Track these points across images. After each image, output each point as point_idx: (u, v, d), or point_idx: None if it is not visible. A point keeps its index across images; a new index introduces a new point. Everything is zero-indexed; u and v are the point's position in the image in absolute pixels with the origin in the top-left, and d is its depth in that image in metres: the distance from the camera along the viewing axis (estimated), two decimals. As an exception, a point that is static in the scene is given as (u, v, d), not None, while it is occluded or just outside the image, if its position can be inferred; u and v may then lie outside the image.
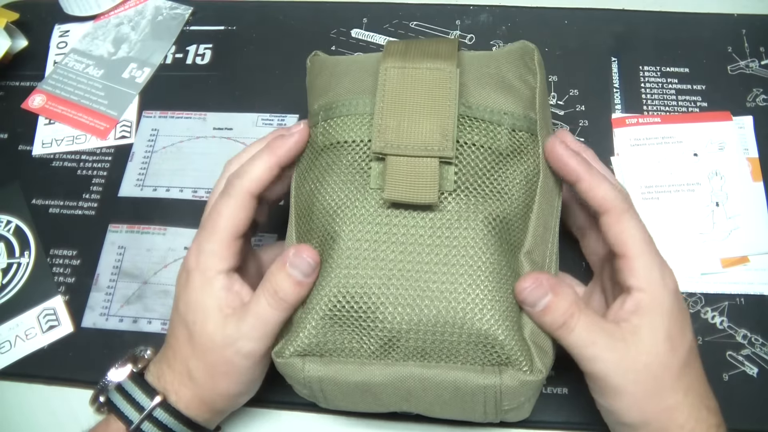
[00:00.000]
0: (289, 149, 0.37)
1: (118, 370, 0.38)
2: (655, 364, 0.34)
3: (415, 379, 0.34)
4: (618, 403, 0.34)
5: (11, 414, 0.45)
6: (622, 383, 0.33)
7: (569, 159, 0.36)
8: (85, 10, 0.61)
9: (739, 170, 0.49)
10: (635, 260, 0.35)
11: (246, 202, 0.36)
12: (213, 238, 0.36)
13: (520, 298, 0.33)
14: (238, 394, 0.38)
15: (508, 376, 0.33)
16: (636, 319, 0.34)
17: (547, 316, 0.33)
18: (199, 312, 0.36)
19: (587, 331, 0.33)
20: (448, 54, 0.35)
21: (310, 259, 0.34)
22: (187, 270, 0.37)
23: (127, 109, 0.56)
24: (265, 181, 0.37)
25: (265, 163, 0.37)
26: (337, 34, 0.58)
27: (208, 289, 0.36)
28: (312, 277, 0.34)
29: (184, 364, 0.37)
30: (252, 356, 0.36)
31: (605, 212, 0.35)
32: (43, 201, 0.53)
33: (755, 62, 0.54)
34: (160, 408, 0.36)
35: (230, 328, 0.35)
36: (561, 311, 0.33)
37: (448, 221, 0.34)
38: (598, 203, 0.36)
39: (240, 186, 0.36)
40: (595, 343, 0.33)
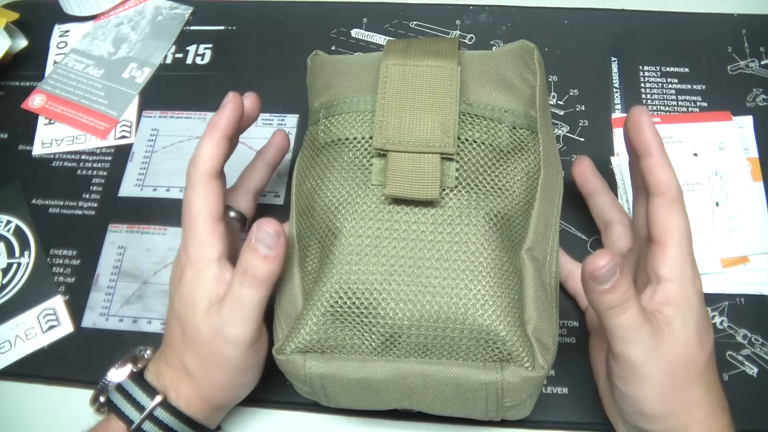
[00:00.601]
0: (226, 119, 0.37)
1: (118, 370, 0.38)
2: (685, 357, 0.34)
3: (416, 376, 0.34)
4: (644, 392, 0.34)
5: (11, 414, 0.45)
6: (654, 372, 0.34)
7: (650, 131, 0.36)
8: (85, 10, 0.61)
9: (739, 170, 0.49)
10: (672, 250, 0.35)
11: (208, 184, 0.37)
12: (194, 229, 0.36)
13: (594, 275, 0.32)
14: (235, 385, 0.38)
15: (509, 373, 0.33)
16: (669, 310, 0.34)
17: (609, 294, 0.32)
18: (189, 305, 0.36)
19: (636, 315, 0.33)
20: (448, 52, 0.36)
21: (271, 230, 0.34)
22: (180, 266, 0.37)
23: (127, 109, 0.56)
24: (216, 158, 0.37)
25: (208, 140, 0.37)
26: (337, 34, 0.58)
27: (200, 280, 0.36)
28: (276, 249, 0.34)
29: (180, 360, 0.37)
30: (239, 342, 0.35)
31: (660, 194, 0.36)
32: (43, 201, 0.53)
33: (755, 62, 0.54)
34: (160, 407, 0.36)
35: (213, 317, 0.35)
36: (622, 291, 0.33)
37: (449, 217, 0.34)
38: (659, 183, 0.36)
39: (196, 171, 0.37)
40: (640, 328, 0.33)
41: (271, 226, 0.34)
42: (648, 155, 0.36)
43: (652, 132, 0.36)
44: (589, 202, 0.45)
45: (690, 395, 0.34)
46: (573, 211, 0.47)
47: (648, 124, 0.36)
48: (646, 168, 0.36)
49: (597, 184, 0.45)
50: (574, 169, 0.45)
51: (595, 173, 0.45)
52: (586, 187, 0.45)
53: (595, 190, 0.45)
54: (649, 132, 0.36)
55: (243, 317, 0.35)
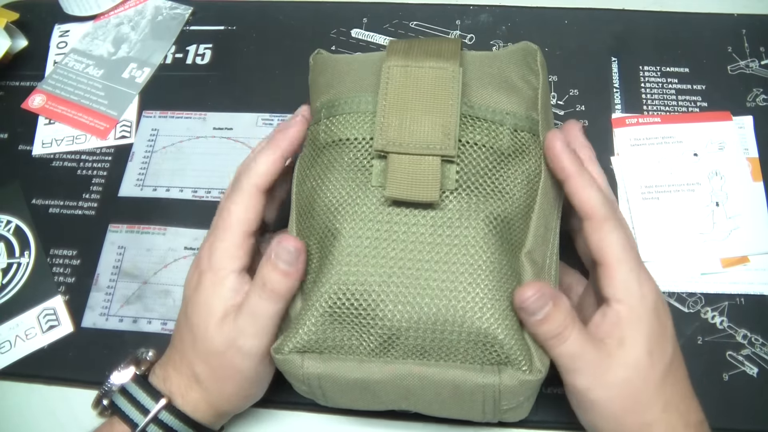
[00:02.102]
0: (291, 140, 0.38)
1: (121, 372, 0.38)
2: (635, 379, 0.33)
3: (414, 377, 0.34)
4: (596, 418, 0.34)
5: (11, 414, 0.45)
6: (601, 398, 0.33)
7: (563, 156, 0.36)
8: (85, 10, 0.61)
9: (739, 170, 0.49)
10: (613, 270, 0.34)
11: (254, 198, 0.37)
12: (224, 237, 0.36)
13: (522, 306, 0.33)
14: (246, 396, 0.38)
15: (507, 376, 0.33)
16: (617, 332, 0.34)
17: (543, 326, 0.33)
18: (203, 314, 0.36)
19: (577, 344, 0.33)
20: (450, 53, 0.36)
21: (292, 247, 0.34)
22: (200, 271, 0.37)
23: (127, 109, 0.56)
24: (271, 175, 0.37)
25: (269, 156, 0.37)
26: (337, 34, 0.58)
27: (219, 289, 0.36)
28: (297, 265, 0.34)
29: (190, 368, 0.37)
30: (253, 355, 0.35)
31: (587, 218, 0.35)
32: (43, 201, 0.53)
33: (755, 62, 0.54)
34: (165, 411, 0.36)
35: (228, 328, 0.35)
36: (558, 322, 0.33)
37: (449, 220, 0.34)
38: (582, 207, 0.35)
39: (247, 182, 0.37)
40: (582, 356, 0.33)
41: (291, 243, 0.34)
42: (566, 180, 0.36)
43: (567, 155, 0.36)
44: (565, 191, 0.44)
45: (644, 417, 0.34)
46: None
47: (561, 148, 0.36)
48: (568, 193, 0.36)
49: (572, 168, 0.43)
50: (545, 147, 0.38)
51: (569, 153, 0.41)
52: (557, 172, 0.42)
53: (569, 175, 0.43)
54: (564, 156, 0.36)
55: (259, 330, 0.35)
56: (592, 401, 0.34)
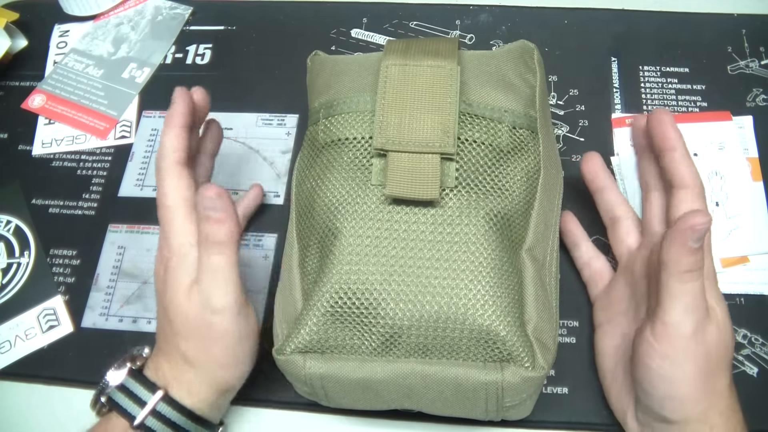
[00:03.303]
0: (179, 112, 0.39)
1: (117, 370, 0.38)
2: (722, 344, 0.35)
3: (416, 376, 0.34)
4: (681, 371, 0.34)
5: (11, 414, 0.45)
6: (697, 350, 0.34)
7: (673, 127, 0.39)
8: (85, 10, 0.61)
9: (739, 170, 0.49)
10: None
11: (178, 173, 0.37)
12: (171, 220, 0.37)
13: (696, 227, 0.33)
14: (235, 359, 0.37)
15: (509, 373, 0.33)
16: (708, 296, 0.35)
17: (696, 255, 0.33)
18: (172, 291, 0.36)
19: (701, 289, 0.34)
20: (448, 52, 0.36)
21: (212, 194, 0.34)
22: (164, 260, 0.37)
23: (127, 109, 0.56)
24: (180, 147, 0.38)
25: (168, 132, 0.38)
26: (337, 34, 0.58)
27: (183, 265, 0.36)
28: (225, 209, 0.34)
29: (177, 349, 0.37)
30: (226, 308, 0.35)
31: (685, 187, 0.37)
32: (43, 201, 0.53)
33: (755, 62, 0.54)
34: (162, 402, 0.36)
35: (194, 293, 0.36)
36: (701, 256, 0.34)
37: (449, 217, 0.34)
38: (683, 176, 0.38)
39: (163, 162, 0.38)
40: (703, 300, 0.34)
41: (210, 191, 0.34)
42: (673, 150, 0.38)
43: (675, 129, 0.38)
44: (597, 198, 0.45)
45: (719, 384, 0.35)
46: (573, 210, 0.47)
47: (671, 121, 0.39)
48: (670, 162, 0.38)
49: (606, 181, 0.45)
50: (584, 165, 0.45)
51: (605, 169, 0.45)
52: (595, 183, 0.45)
53: (604, 186, 0.45)
54: (673, 129, 0.39)
55: (221, 283, 0.35)
56: (689, 351, 0.34)
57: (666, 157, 0.38)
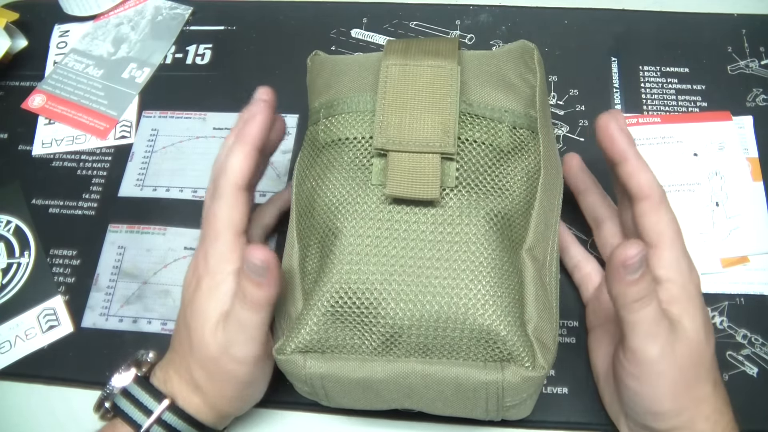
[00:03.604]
0: (258, 132, 0.37)
1: (122, 375, 0.38)
2: (695, 354, 0.34)
3: (416, 376, 0.34)
4: (657, 390, 0.34)
5: (11, 414, 0.45)
6: (667, 368, 0.34)
7: (621, 138, 0.36)
8: (85, 10, 0.61)
9: (739, 170, 0.49)
10: (666, 251, 0.35)
11: (237, 198, 0.36)
12: (216, 242, 0.36)
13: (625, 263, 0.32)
14: (245, 398, 0.38)
15: (510, 372, 0.33)
16: (675, 308, 0.34)
17: (637, 285, 0.32)
18: (200, 319, 0.36)
19: (657, 309, 0.33)
20: (448, 52, 0.36)
21: (257, 261, 0.32)
22: (198, 275, 0.37)
23: (127, 109, 0.56)
24: (247, 171, 0.36)
25: (240, 153, 0.36)
26: (337, 34, 0.58)
27: (215, 293, 0.36)
28: (268, 276, 0.33)
29: (189, 371, 0.37)
30: (245, 361, 0.35)
31: (644, 198, 0.36)
32: (43, 201, 0.53)
33: (755, 62, 0.54)
34: (169, 411, 0.36)
35: (220, 336, 0.35)
36: (647, 283, 0.32)
37: (449, 217, 0.34)
38: (639, 188, 0.36)
39: (226, 184, 0.36)
40: (660, 322, 0.33)
41: (257, 255, 0.32)
42: (624, 162, 0.36)
43: (623, 138, 0.36)
44: (579, 200, 0.45)
45: (699, 391, 0.34)
46: (573, 210, 0.47)
47: (617, 130, 0.36)
48: (624, 175, 0.36)
49: (587, 182, 0.45)
50: (564, 167, 0.44)
51: (584, 170, 0.45)
52: (575, 185, 0.45)
53: (585, 187, 0.44)
54: (621, 138, 0.36)
55: (247, 338, 0.35)
56: (658, 372, 0.34)
57: (619, 169, 0.36)
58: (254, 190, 0.43)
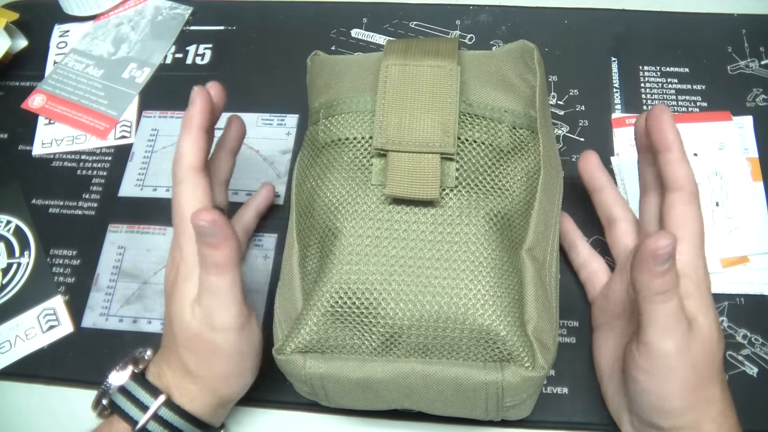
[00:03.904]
0: (198, 113, 0.37)
1: (119, 372, 0.38)
2: (708, 353, 0.34)
3: (416, 376, 0.34)
4: (668, 386, 0.34)
5: (11, 414, 0.45)
6: (681, 366, 0.33)
7: (671, 127, 0.37)
8: (85, 10, 0.61)
9: (739, 170, 0.49)
10: (686, 245, 0.35)
11: (195, 179, 0.37)
12: (184, 229, 0.36)
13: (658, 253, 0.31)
14: (236, 373, 0.38)
15: (510, 372, 0.33)
16: (691, 304, 0.34)
17: (664, 278, 0.32)
18: (179, 302, 0.36)
19: (679, 305, 0.33)
20: (448, 52, 0.36)
21: (203, 222, 0.33)
22: (175, 265, 0.37)
23: (127, 109, 0.56)
24: (198, 152, 0.37)
25: (186, 137, 0.37)
26: (337, 34, 0.58)
27: (190, 277, 0.36)
28: (220, 234, 0.33)
29: (179, 359, 0.37)
30: (226, 327, 0.35)
31: (679, 189, 0.36)
32: (43, 201, 0.53)
33: (755, 62, 0.54)
34: (164, 407, 0.36)
35: (197, 311, 0.35)
36: (672, 277, 0.32)
37: (449, 217, 0.34)
38: (676, 179, 0.36)
39: (180, 168, 0.37)
40: (681, 319, 0.33)
41: (202, 217, 0.33)
42: (668, 151, 0.37)
43: (673, 129, 0.37)
44: (594, 198, 0.45)
45: (708, 392, 0.34)
46: (573, 210, 0.47)
47: (669, 121, 0.37)
48: (665, 163, 0.37)
49: (603, 180, 0.45)
50: (580, 164, 0.45)
51: (602, 169, 0.45)
52: (591, 183, 0.45)
53: (602, 186, 0.44)
54: (671, 129, 0.37)
55: (221, 303, 0.35)
56: (671, 368, 0.34)
57: (661, 157, 0.37)
58: (227, 187, 0.45)
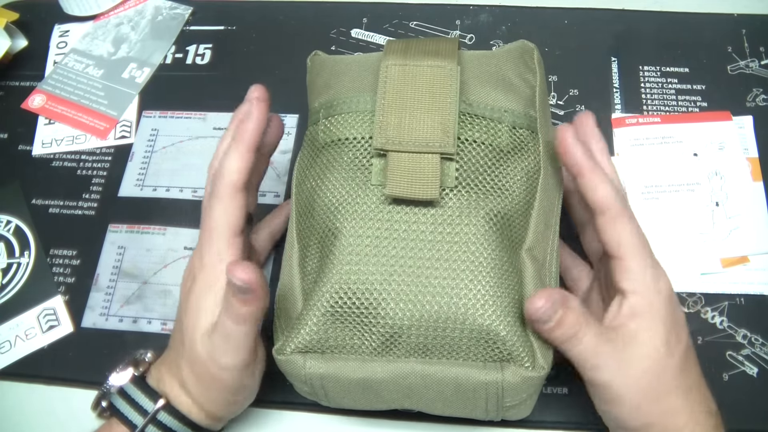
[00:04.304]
0: (254, 130, 0.36)
1: (120, 374, 0.38)
2: (654, 369, 0.34)
3: (416, 376, 0.34)
4: (620, 409, 0.34)
5: (11, 414, 0.45)
6: (624, 390, 0.33)
7: (575, 151, 0.35)
8: (85, 10, 0.61)
9: (739, 170, 0.49)
10: (629, 262, 0.34)
11: (234, 198, 0.36)
12: (212, 241, 0.36)
13: (534, 317, 0.32)
14: (233, 402, 0.38)
15: (510, 372, 0.33)
16: (633, 323, 0.34)
17: (557, 330, 0.33)
18: (193, 318, 0.36)
19: (593, 341, 0.33)
20: (448, 52, 0.36)
21: (238, 281, 0.32)
22: (193, 274, 0.37)
23: (127, 109, 0.56)
24: (244, 171, 0.36)
25: (236, 153, 0.36)
26: (337, 34, 0.58)
27: (209, 292, 0.36)
28: (252, 293, 0.33)
29: (179, 371, 0.37)
30: (231, 368, 0.35)
31: (601, 212, 0.35)
32: (43, 201, 0.53)
33: (755, 62, 0.54)
34: (164, 411, 0.36)
35: (207, 342, 0.35)
36: (570, 325, 0.33)
37: (449, 217, 0.34)
38: (596, 202, 0.35)
39: (222, 184, 0.36)
40: (599, 353, 0.33)
41: (238, 275, 0.32)
42: (579, 176, 0.35)
43: (578, 150, 0.35)
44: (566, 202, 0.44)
45: (666, 405, 0.34)
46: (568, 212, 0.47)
47: (572, 144, 0.35)
48: (581, 189, 0.35)
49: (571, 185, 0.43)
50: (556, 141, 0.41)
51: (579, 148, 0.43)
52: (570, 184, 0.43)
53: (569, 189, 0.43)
54: (576, 152, 0.35)
55: (232, 347, 0.35)
56: (615, 394, 0.34)
57: (577, 182, 0.35)
58: (257, 190, 0.43)
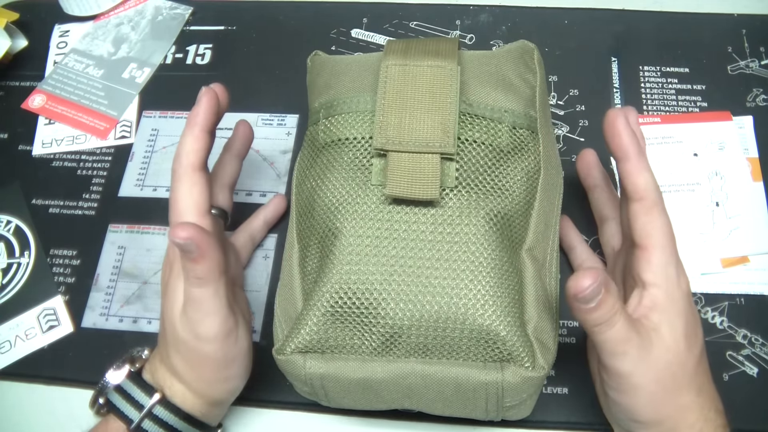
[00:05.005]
0: (204, 113, 0.37)
1: (116, 371, 0.38)
2: (674, 363, 0.34)
3: (416, 376, 0.34)
4: (636, 401, 0.34)
5: (11, 414, 0.45)
6: (643, 381, 0.33)
7: (625, 135, 0.35)
8: (85, 10, 0.61)
9: (739, 170, 0.49)
10: (654, 254, 0.34)
11: (193, 177, 0.36)
12: None
13: (579, 296, 0.31)
14: (224, 378, 0.38)
15: (510, 372, 0.33)
16: (655, 316, 0.34)
17: (595, 312, 0.32)
18: (171, 302, 0.36)
19: (624, 329, 0.33)
20: (448, 52, 0.36)
21: (180, 240, 0.32)
22: (170, 263, 0.37)
23: (127, 109, 0.56)
24: (199, 151, 0.36)
25: (190, 135, 0.36)
26: (337, 34, 0.58)
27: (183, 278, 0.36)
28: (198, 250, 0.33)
29: (168, 358, 0.37)
30: (211, 337, 0.35)
31: (639, 199, 0.35)
32: (43, 201, 0.53)
33: (755, 62, 0.54)
34: (159, 405, 0.36)
35: (183, 319, 0.35)
36: (608, 307, 0.32)
37: (449, 217, 0.34)
38: (636, 188, 0.35)
39: (180, 166, 0.36)
40: (628, 340, 0.33)
41: (179, 234, 0.32)
42: (624, 160, 0.35)
43: (628, 135, 0.35)
44: (589, 195, 0.45)
45: (680, 400, 0.34)
46: (573, 210, 0.47)
47: (623, 127, 0.35)
48: (623, 173, 0.35)
49: (598, 178, 0.45)
50: (578, 161, 0.45)
51: (598, 167, 0.45)
52: (587, 180, 0.45)
53: (595, 184, 0.44)
54: (625, 135, 0.35)
55: (204, 314, 0.35)
56: (634, 385, 0.34)
57: (619, 166, 0.36)
58: (232, 190, 0.45)
